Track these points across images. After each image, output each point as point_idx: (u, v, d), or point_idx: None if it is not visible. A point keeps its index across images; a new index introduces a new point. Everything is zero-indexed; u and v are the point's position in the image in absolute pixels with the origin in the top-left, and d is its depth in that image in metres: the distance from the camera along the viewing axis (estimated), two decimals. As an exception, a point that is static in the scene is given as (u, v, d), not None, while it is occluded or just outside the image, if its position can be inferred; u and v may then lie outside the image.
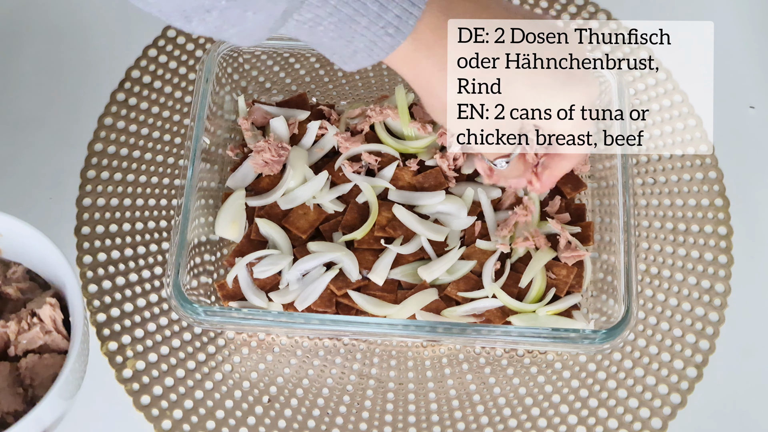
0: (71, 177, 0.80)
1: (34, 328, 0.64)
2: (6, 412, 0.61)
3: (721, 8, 0.89)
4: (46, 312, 0.64)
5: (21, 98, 0.83)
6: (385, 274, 0.71)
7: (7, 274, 0.67)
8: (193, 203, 0.70)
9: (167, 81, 0.84)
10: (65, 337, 0.64)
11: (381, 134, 0.77)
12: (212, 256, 0.74)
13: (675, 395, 0.72)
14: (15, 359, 0.64)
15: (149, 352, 0.73)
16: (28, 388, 0.63)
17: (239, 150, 0.77)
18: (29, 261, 0.68)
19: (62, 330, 0.64)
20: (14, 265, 0.68)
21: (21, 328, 0.64)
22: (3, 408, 0.61)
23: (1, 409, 0.61)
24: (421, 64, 0.55)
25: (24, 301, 0.66)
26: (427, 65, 0.55)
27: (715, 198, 0.80)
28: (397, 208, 0.73)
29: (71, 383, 0.62)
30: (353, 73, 0.81)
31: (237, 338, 0.74)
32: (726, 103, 0.84)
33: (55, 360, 0.63)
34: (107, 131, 0.82)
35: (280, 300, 0.71)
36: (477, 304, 0.71)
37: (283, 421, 0.71)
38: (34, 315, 0.64)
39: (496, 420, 0.71)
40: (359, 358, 0.73)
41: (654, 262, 0.77)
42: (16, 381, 0.63)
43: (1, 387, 0.62)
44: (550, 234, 0.74)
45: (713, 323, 0.75)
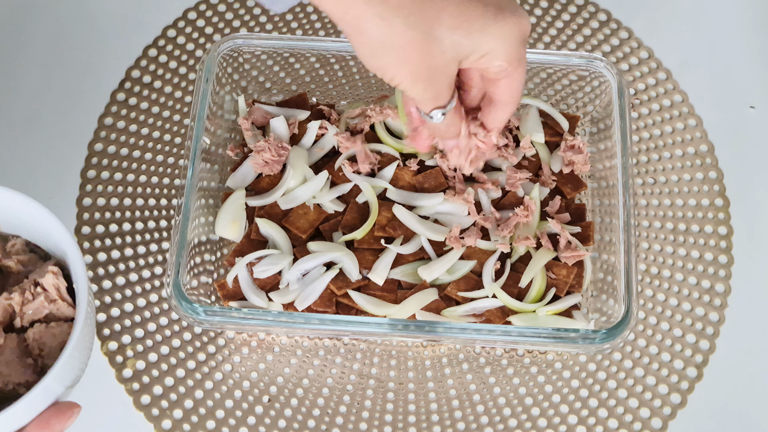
0: (71, 177, 0.80)
1: (39, 298, 0.63)
2: (17, 383, 0.61)
3: (721, 8, 0.89)
4: (49, 281, 0.63)
5: (21, 98, 0.83)
6: (385, 274, 0.71)
7: (6, 248, 0.66)
8: (193, 203, 0.70)
9: (167, 81, 0.84)
10: (70, 304, 0.63)
11: (381, 134, 0.77)
12: (212, 256, 0.74)
13: (675, 395, 0.72)
14: (22, 330, 0.63)
15: (149, 352, 0.73)
16: (37, 358, 0.62)
17: (239, 150, 0.77)
18: (28, 232, 0.66)
19: (67, 298, 0.63)
20: (12, 237, 0.67)
21: (25, 299, 0.63)
22: (14, 380, 0.61)
23: (12, 380, 0.61)
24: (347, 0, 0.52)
25: (26, 274, 0.66)
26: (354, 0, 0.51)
27: (716, 198, 0.80)
28: (397, 208, 0.73)
29: (81, 350, 0.61)
30: (353, 73, 0.81)
31: (237, 338, 0.74)
32: (726, 103, 0.84)
33: (62, 328, 0.62)
34: (107, 131, 0.82)
35: (280, 300, 0.71)
36: (477, 304, 0.71)
37: (283, 421, 0.71)
38: (37, 285, 0.63)
39: (496, 420, 0.71)
40: (359, 358, 0.73)
41: (654, 262, 0.77)
42: (25, 352, 0.62)
43: (10, 359, 0.61)
44: (550, 234, 0.74)
45: (713, 323, 0.75)
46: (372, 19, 0.52)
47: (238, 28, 0.86)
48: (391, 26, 0.52)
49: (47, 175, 0.80)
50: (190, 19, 0.87)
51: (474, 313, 0.71)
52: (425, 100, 0.57)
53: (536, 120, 0.78)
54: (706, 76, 0.85)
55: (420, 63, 0.54)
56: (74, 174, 0.80)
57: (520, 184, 0.75)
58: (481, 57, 0.55)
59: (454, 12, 0.53)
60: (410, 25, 0.52)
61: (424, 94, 0.56)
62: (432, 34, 0.53)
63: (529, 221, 0.73)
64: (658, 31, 0.87)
